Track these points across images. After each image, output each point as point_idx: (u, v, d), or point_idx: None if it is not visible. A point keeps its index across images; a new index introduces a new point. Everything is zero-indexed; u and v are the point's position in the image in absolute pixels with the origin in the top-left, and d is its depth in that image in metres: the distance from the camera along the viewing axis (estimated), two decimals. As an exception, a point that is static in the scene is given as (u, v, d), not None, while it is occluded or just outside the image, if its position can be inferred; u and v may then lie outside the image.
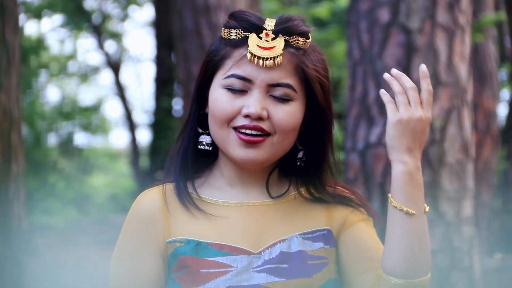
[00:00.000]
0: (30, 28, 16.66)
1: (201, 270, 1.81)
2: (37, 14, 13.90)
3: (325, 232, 1.89)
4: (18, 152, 4.02)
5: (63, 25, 14.97)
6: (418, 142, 1.78)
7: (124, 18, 15.89)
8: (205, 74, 1.90)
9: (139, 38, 27.72)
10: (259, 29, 1.85)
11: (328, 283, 1.85)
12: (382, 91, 1.81)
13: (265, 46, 1.84)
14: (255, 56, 1.83)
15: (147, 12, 22.46)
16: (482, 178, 7.11)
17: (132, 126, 14.76)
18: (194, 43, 6.21)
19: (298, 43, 1.86)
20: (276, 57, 1.83)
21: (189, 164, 1.92)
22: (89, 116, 14.64)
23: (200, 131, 1.92)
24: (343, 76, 8.30)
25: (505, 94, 10.43)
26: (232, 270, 1.81)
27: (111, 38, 15.78)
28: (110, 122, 16.72)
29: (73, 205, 11.94)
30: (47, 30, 15.44)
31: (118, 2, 15.14)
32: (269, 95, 1.84)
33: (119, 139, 18.20)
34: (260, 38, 1.84)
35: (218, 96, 1.85)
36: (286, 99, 1.84)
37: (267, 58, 1.83)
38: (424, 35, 4.27)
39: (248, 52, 1.83)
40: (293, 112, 1.85)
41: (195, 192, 1.90)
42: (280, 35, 1.85)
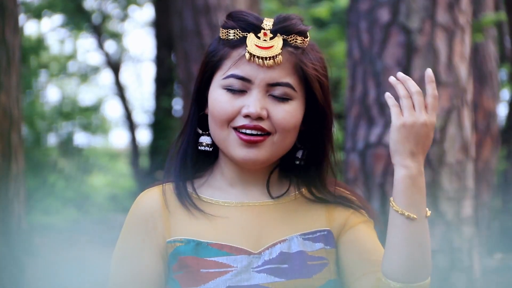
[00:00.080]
0: (30, 28, 16.68)
1: (201, 270, 1.81)
2: (37, 14, 13.89)
3: (325, 232, 1.89)
4: (18, 152, 4.02)
5: (63, 25, 14.96)
6: (421, 146, 1.78)
7: (124, 18, 15.88)
8: (204, 75, 1.90)
9: (139, 38, 27.72)
10: (257, 28, 1.85)
11: (328, 284, 1.85)
12: (387, 95, 1.80)
13: (263, 45, 1.84)
14: (254, 55, 1.83)
15: (147, 12, 22.47)
16: (482, 178, 7.11)
17: (132, 126, 14.75)
18: (194, 43, 6.20)
19: (296, 42, 1.86)
20: (276, 56, 1.83)
21: (188, 165, 1.92)
22: (89, 116, 14.63)
23: (200, 132, 1.92)
24: (343, 76, 8.30)
25: (505, 94, 10.43)
26: (232, 270, 1.81)
27: (111, 38, 15.77)
28: (110, 122, 16.71)
29: (73, 205, 11.92)
30: (47, 30, 15.44)
31: (118, 2, 15.13)
32: (268, 95, 1.84)
33: (119, 139, 18.22)
34: (259, 37, 1.84)
35: (217, 96, 1.85)
36: (286, 98, 1.84)
37: (266, 58, 1.83)
38: (424, 35, 4.27)
39: (247, 52, 1.83)
40: (293, 111, 1.85)
41: (194, 192, 1.90)
42: (278, 34, 1.85)
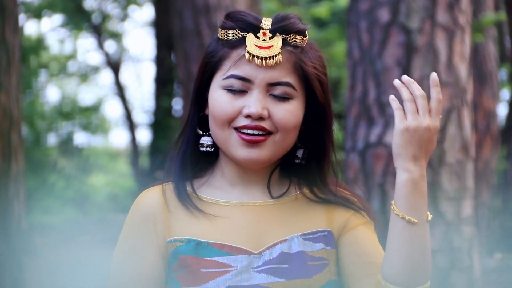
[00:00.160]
0: (30, 28, 16.68)
1: (201, 270, 1.81)
2: (37, 14, 13.89)
3: (326, 233, 1.88)
4: (18, 151, 4.02)
5: (63, 25, 14.96)
6: (424, 150, 1.77)
7: (124, 18, 15.87)
8: (203, 76, 1.89)
9: (139, 38, 27.72)
10: (256, 28, 1.85)
11: (328, 284, 1.85)
12: (392, 97, 1.79)
13: (263, 45, 1.84)
14: (254, 56, 1.82)
15: (147, 12, 22.45)
16: (482, 178, 7.11)
17: (132, 126, 14.75)
18: (194, 43, 6.20)
19: (295, 41, 1.86)
20: (276, 55, 1.83)
21: (188, 165, 1.91)
22: (89, 116, 14.63)
23: (201, 132, 1.92)
24: (343, 76, 8.30)
25: (505, 94, 10.43)
26: (232, 270, 1.81)
27: (111, 38, 15.76)
28: (110, 122, 16.72)
29: (73, 204, 11.93)
30: (47, 30, 15.43)
31: (118, 2, 15.13)
32: (269, 94, 1.84)
33: (119, 139, 18.23)
34: (258, 37, 1.84)
35: (218, 97, 1.85)
36: (286, 97, 1.84)
37: (266, 58, 1.82)
38: (424, 35, 4.27)
39: (247, 52, 1.83)
40: (293, 110, 1.85)
41: (194, 192, 1.90)
42: (277, 34, 1.85)
